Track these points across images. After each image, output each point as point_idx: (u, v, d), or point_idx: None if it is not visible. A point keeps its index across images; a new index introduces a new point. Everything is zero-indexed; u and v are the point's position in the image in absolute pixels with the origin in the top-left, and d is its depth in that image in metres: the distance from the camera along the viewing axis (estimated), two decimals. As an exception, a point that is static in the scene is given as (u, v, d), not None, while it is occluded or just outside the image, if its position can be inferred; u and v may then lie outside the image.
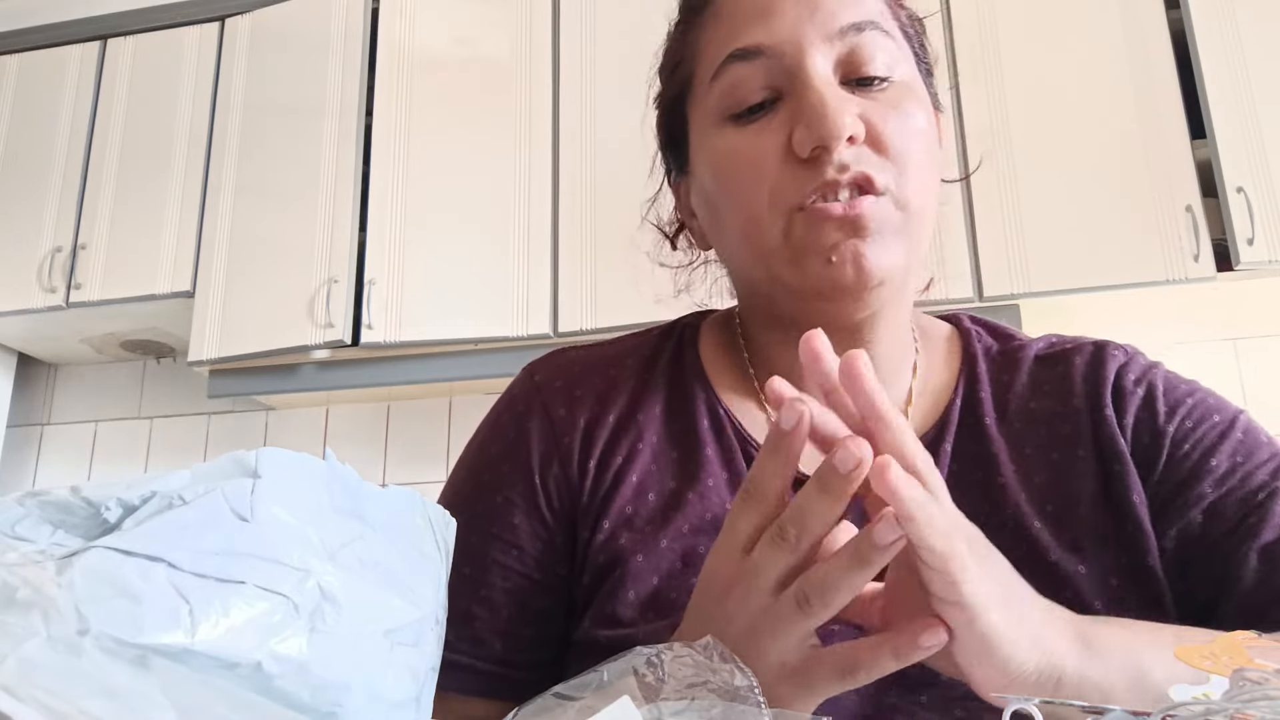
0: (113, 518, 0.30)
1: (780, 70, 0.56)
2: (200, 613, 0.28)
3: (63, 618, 0.26)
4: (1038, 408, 0.61)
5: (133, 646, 0.27)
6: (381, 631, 0.33)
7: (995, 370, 0.64)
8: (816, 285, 0.55)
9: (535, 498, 0.61)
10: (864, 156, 0.54)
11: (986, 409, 0.61)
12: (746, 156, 0.56)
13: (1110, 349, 0.64)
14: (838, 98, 0.54)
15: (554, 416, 0.63)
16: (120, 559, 0.28)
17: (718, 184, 0.59)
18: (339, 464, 0.35)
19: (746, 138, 0.56)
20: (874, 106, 0.55)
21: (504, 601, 0.60)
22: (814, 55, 0.55)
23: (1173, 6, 1.99)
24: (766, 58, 0.56)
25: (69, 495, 0.30)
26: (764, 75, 0.56)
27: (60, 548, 0.29)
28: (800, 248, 0.55)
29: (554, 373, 0.66)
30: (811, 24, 0.55)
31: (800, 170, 0.54)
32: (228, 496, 0.31)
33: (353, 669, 0.31)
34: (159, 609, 0.28)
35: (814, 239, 0.54)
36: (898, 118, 0.55)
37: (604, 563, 0.58)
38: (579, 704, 0.33)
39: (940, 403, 0.62)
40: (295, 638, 0.30)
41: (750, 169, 0.56)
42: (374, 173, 2.29)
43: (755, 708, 0.32)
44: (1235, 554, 0.54)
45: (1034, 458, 0.59)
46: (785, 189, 0.55)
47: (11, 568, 0.27)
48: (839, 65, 0.56)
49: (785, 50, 0.55)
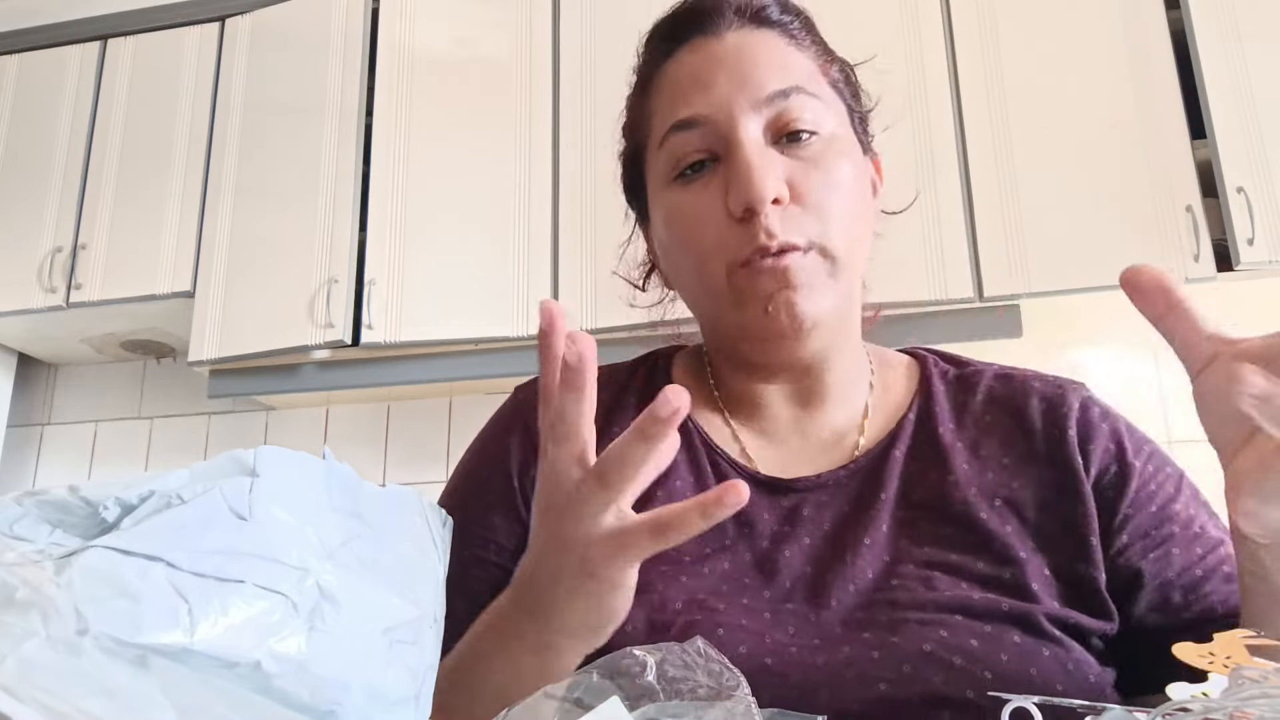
0: (111, 517, 0.30)
1: (716, 136, 0.62)
2: (199, 612, 0.28)
3: (62, 617, 0.26)
4: (994, 420, 0.68)
5: (132, 646, 0.27)
6: (380, 630, 0.33)
7: (952, 390, 0.71)
8: (758, 330, 0.63)
9: (513, 499, 0.67)
10: (790, 216, 0.61)
11: (942, 419, 0.68)
12: (692, 214, 0.63)
13: (1069, 384, 0.70)
14: (763, 164, 0.60)
15: (533, 428, 0.68)
16: (119, 558, 0.28)
17: (670, 237, 0.66)
18: (337, 463, 0.35)
19: (691, 196, 0.64)
20: (799, 166, 0.62)
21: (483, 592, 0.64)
22: (744, 122, 0.62)
23: (1173, 6, 1.99)
24: (703, 126, 0.63)
25: (67, 495, 0.30)
26: (702, 140, 0.63)
27: (59, 547, 0.29)
28: (741, 297, 0.62)
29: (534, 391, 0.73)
30: (742, 94, 0.62)
31: (737, 228, 0.61)
32: (226, 496, 0.31)
33: (352, 668, 0.31)
34: (158, 608, 0.28)
35: (752, 290, 0.61)
36: (820, 174, 0.62)
37: None
38: (569, 703, 0.33)
39: (895, 416, 0.69)
40: (294, 637, 0.30)
41: (696, 225, 0.63)
42: (374, 173, 2.29)
43: (746, 706, 0.32)
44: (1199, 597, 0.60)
45: (988, 458, 0.65)
46: (726, 245, 0.62)
47: (10, 567, 0.27)
48: (768, 127, 0.62)
49: (719, 119, 0.62)
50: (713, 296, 0.64)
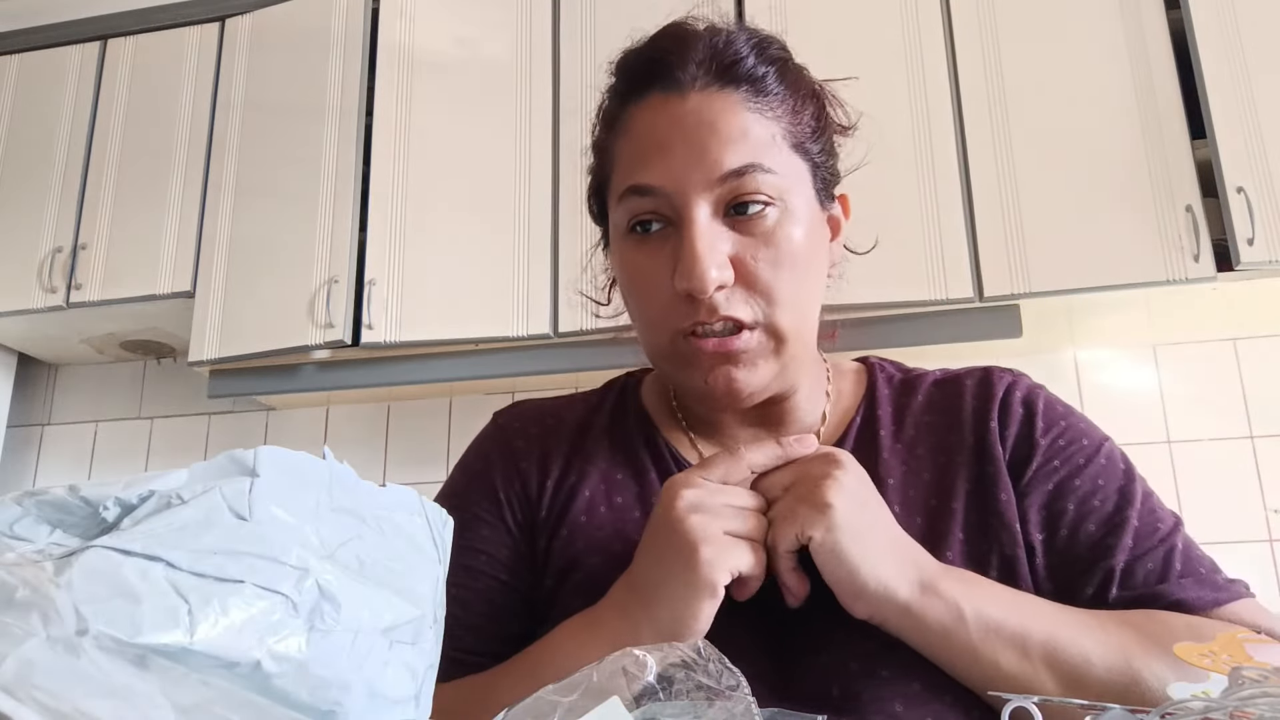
0: (111, 517, 0.30)
1: (670, 207, 0.64)
2: (199, 612, 0.28)
3: (61, 618, 0.26)
4: (931, 420, 0.71)
5: (132, 646, 0.27)
6: (380, 630, 0.33)
7: (895, 395, 0.74)
8: (697, 394, 0.66)
9: (500, 511, 0.71)
10: (735, 298, 0.63)
11: (884, 424, 0.71)
12: (643, 272, 0.66)
13: (997, 372, 0.73)
14: (708, 252, 0.61)
15: (514, 447, 0.74)
16: (119, 559, 0.28)
17: (623, 283, 0.69)
18: (337, 463, 0.35)
19: (644, 255, 0.65)
20: (748, 243, 0.63)
21: (474, 600, 0.68)
22: (696, 201, 0.62)
23: (1173, 6, 1.99)
24: (658, 196, 0.64)
25: (67, 495, 0.30)
26: (656, 207, 0.64)
27: (59, 547, 0.29)
28: (683, 363, 0.65)
29: (514, 415, 0.78)
30: (697, 170, 0.63)
31: (681, 304, 0.63)
32: (226, 496, 0.31)
33: (351, 668, 0.31)
34: (158, 608, 0.28)
35: (695, 359, 0.64)
36: (769, 251, 0.63)
37: (563, 565, 0.67)
38: (569, 703, 0.33)
39: (844, 422, 0.73)
40: (294, 637, 0.30)
41: (646, 284, 0.66)
42: (374, 173, 2.29)
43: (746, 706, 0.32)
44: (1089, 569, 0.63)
45: (923, 458, 0.69)
46: (670, 314, 0.64)
47: (10, 568, 0.27)
48: (720, 203, 0.63)
49: (673, 191, 0.63)
50: (659, 355, 0.68)
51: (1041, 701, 0.35)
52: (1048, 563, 0.64)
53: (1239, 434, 2.13)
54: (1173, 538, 0.64)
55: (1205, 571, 0.63)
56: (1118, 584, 0.62)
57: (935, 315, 1.95)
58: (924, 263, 1.93)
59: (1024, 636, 0.55)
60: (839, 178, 0.72)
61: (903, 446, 0.69)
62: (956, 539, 0.64)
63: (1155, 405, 2.16)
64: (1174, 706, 0.32)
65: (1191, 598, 0.61)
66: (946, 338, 1.93)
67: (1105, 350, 2.24)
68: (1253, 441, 2.12)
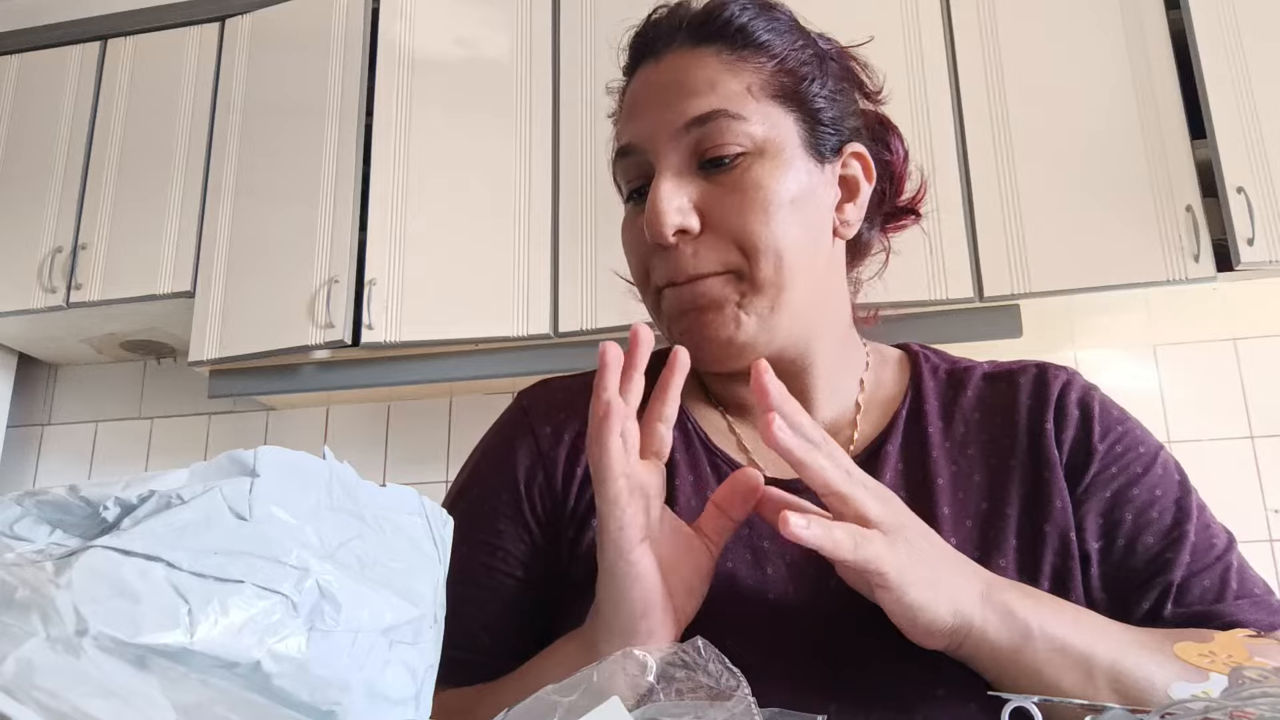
0: (111, 517, 0.30)
1: (646, 164, 0.65)
2: (199, 612, 0.28)
3: (61, 618, 0.26)
4: (982, 419, 0.68)
5: (132, 646, 0.27)
6: (380, 630, 0.33)
7: (942, 387, 0.71)
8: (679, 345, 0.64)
9: (520, 505, 0.67)
10: (703, 244, 0.62)
11: (931, 419, 0.68)
12: (631, 238, 0.68)
13: (1053, 370, 0.70)
14: (667, 199, 0.61)
15: (539, 434, 0.70)
16: (119, 559, 0.28)
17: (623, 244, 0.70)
18: (337, 462, 0.35)
19: (631, 215, 0.67)
20: (716, 192, 0.62)
21: (489, 599, 0.65)
22: (664, 153, 0.63)
23: (1173, 6, 1.99)
24: (636, 155, 0.65)
25: (67, 495, 0.30)
26: (638, 168, 0.66)
27: (59, 547, 0.29)
28: (663, 317, 0.66)
29: (539, 397, 0.74)
30: (662, 122, 0.63)
31: (659, 255, 0.64)
32: (226, 496, 0.31)
33: (352, 668, 0.31)
34: (158, 609, 0.28)
35: (670, 314, 0.65)
36: (737, 197, 0.62)
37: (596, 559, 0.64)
38: (569, 703, 0.33)
39: (888, 412, 0.69)
40: (294, 637, 0.30)
41: (630, 244, 0.68)
42: (374, 173, 2.29)
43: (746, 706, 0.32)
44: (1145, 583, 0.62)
45: (974, 459, 0.66)
46: (650, 272, 0.66)
47: (10, 568, 0.27)
48: (689, 154, 0.63)
49: (645, 148, 0.64)
50: (654, 317, 0.68)
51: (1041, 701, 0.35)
52: (1102, 573, 0.62)
53: (1239, 434, 2.13)
54: (1228, 555, 0.62)
55: (1260, 593, 0.61)
56: (1173, 600, 0.60)
57: (935, 315, 1.95)
58: (924, 262, 1.93)
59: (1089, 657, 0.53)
60: (852, 136, 0.69)
61: (952, 445, 0.67)
62: (1010, 546, 0.62)
63: (1155, 405, 2.16)
64: (1174, 706, 0.32)
65: (1249, 619, 0.59)
66: (946, 338, 1.92)
67: (1105, 350, 2.24)
68: (1253, 441, 2.12)
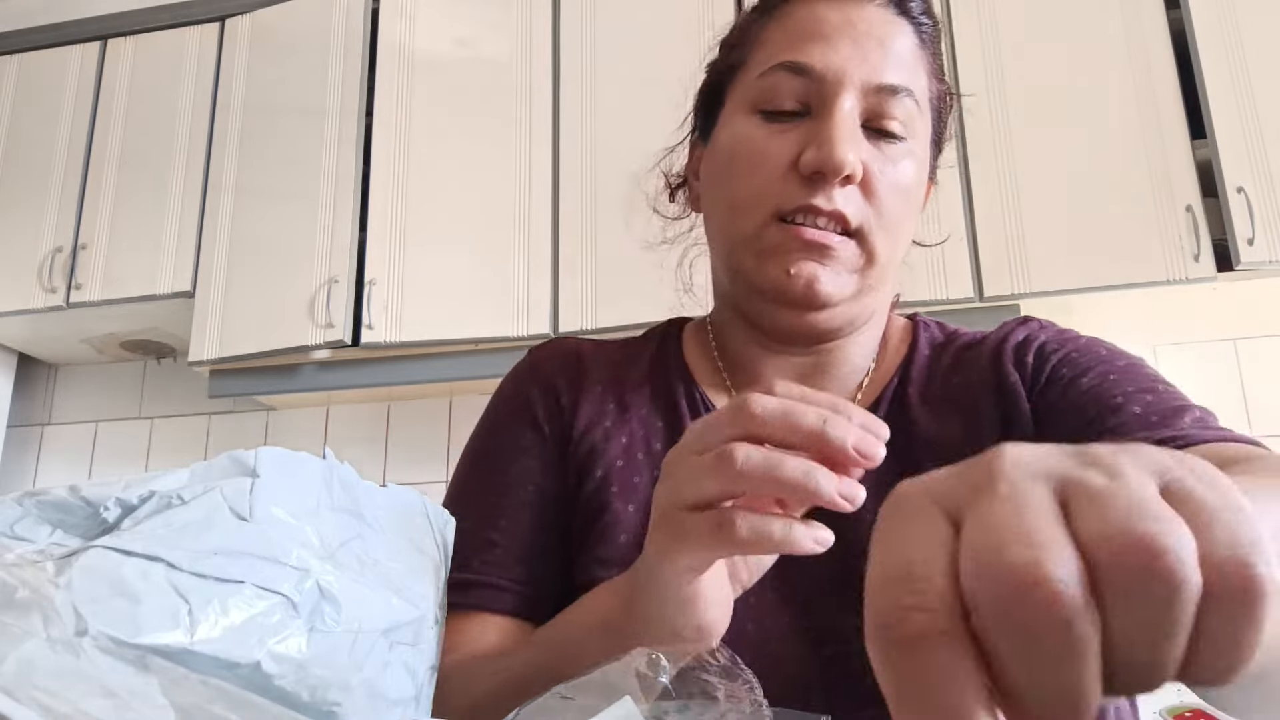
0: (111, 517, 0.30)
1: (816, 93, 0.62)
2: (199, 612, 0.28)
3: (61, 618, 0.26)
4: (959, 380, 0.68)
5: (132, 647, 0.27)
6: (380, 630, 0.33)
7: (933, 356, 0.71)
8: (770, 290, 0.63)
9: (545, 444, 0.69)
10: (852, 197, 0.61)
11: (916, 386, 0.68)
12: (758, 149, 0.63)
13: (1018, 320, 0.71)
14: (852, 137, 0.60)
15: (554, 382, 0.72)
16: (119, 559, 0.28)
17: (726, 162, 0.66)
18: (338, 463, 0.35)
19: (765, 133, 0.63)
20: (878, 157, 0.62)
21: (519, 530, 0.66)
22: (849, 93, 0.61)
23: (1173, 6, 1.99)
24: (810, 78, 0.62)
25: (67, 495, 0.30)
26: (801, 89, 0.62)
27: (59, 547, 0.29)
28: (766, 250, 0.62)
29: (552, 351, 0.76)
30: (858, 69, 0.62)
31: (794, 185, 0.61)
32: (226, 496, 0.31)
33: (352, 668, 0.31)
34: (158, 609, 0.28)
35: (780, 249, 0.61)
36: (895, 174, 0.62)
37: (596, 508, 0.65)
38: (580, 703, 0.33)
39: (881, 383, 0.70)
40: (294, 637, 0.30)
41: (756, 160, 0.63)
42: (374, 173, 2.29)
43: (758, 709, 0.32)
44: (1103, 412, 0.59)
45: (950, 417, 0.66)
46: (774, 193, 0.62)
47: (10, 568, 0.27)
48: (865, 111, 0.62)
49: (828, 78, 0.62)
50: (737, 238, 0.64)
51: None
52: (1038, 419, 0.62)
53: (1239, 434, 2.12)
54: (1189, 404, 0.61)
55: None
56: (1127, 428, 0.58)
57: (935, 315, 1.95)
58: (924, 262, 1.93)
59: None
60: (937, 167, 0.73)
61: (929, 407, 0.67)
62: None
63: (1155, 405, 2.16)
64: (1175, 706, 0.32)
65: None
66: (946, 338, 1.92)
67: (1105, 350, 2.24)
68: (1253, 441, 2.11)
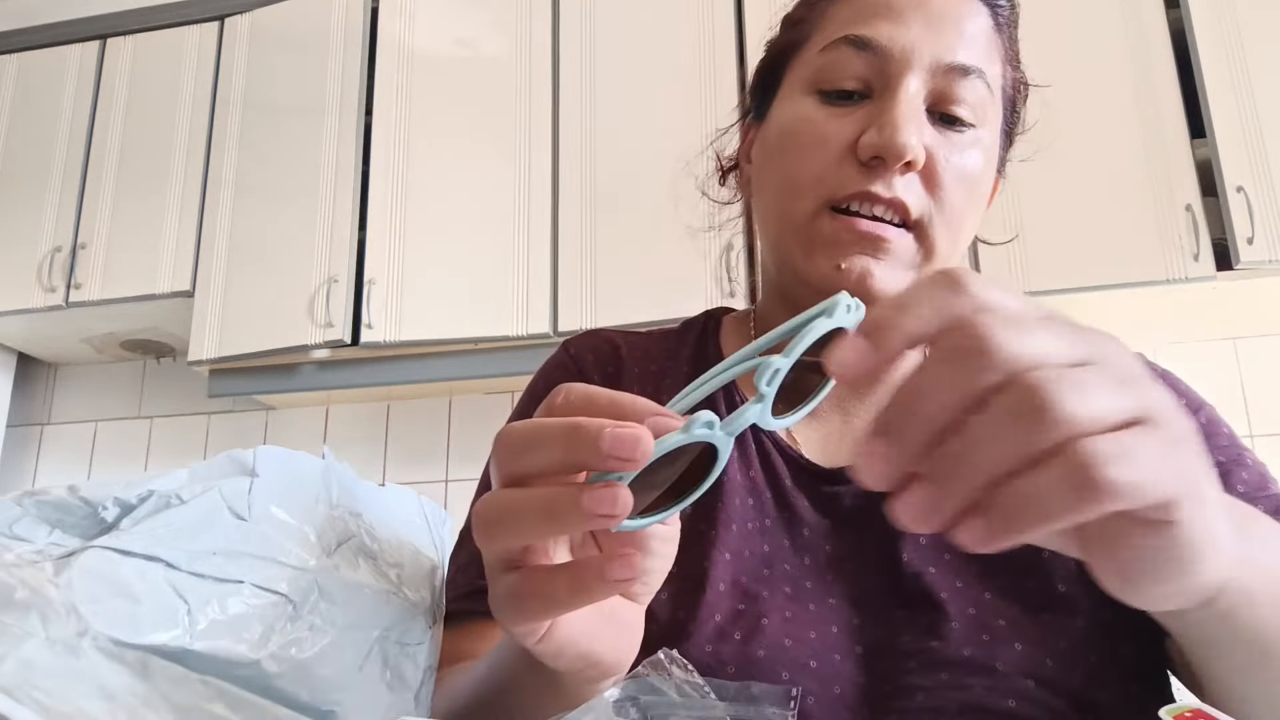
0: (110, 517, 0.30)
1: (880, 71, 0.58)
2: (198, 612, 0.28)
3: (61, 618, 0.26)
4: None
5: (131, 647, 0.27)
6: (379, 630, 0.33)
7: None
8: (819, 284, 0.58)
9: None
10: (912, 186, 0.57)
11: None
12: (815, 131, 0.59)
13: None
14: (915, 120, 0.56)
15: (591, 377, 0.68)
16: (118, 559, 0.28)
17: (780, 143, 0.62)
18: (336, 462, 0.35)
19: (824, 115, 0.59)
20: (943, 144, 0.58)
21: None
22: (916, 73, 0.58)
23: (1173, 6, 1.99)
24: (875, 54, 0.58)
25: (66, 495, 0.30)
26: (865, 68, 0.59)
27: (58, 547, 0.29)
28: (816, 242, 0.58)
29: (588, 346, 0.72)
30: (929, 47, 0.58)
31: (851, 169, 0.57)
32: (225, 496, 0.31)
33: (351, 668, 0.31)
34: (157, 609, 0.28)
35: (832, 241, 0.58)
36: (960, 162, 0.58)
37: None
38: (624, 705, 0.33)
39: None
40: (293, 637, 0.30)
41: (813, 143, 0.59)
42: (374, 172, 2.29)
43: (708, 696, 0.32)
44: None
45: None
46: (830, 178, 0.58)
47: (9, 568, 0.27)
48: (932, 94, 0.58)
49: (894, 55, 0.58)
50: (786, 225, 0.61)
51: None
52: None
53: (1238, 433, 2.12)
54: None
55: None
56: None
57: (935, 315, 1.95)
58: (924, 262, 1.94)
59: None
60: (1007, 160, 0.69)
61: None
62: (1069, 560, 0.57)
63: (1155, 405, 2.16)
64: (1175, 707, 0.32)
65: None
66: (946, 337, 1.92)
67: (1105, 350, 2.24)
68: (1252, 441, 2.11)
